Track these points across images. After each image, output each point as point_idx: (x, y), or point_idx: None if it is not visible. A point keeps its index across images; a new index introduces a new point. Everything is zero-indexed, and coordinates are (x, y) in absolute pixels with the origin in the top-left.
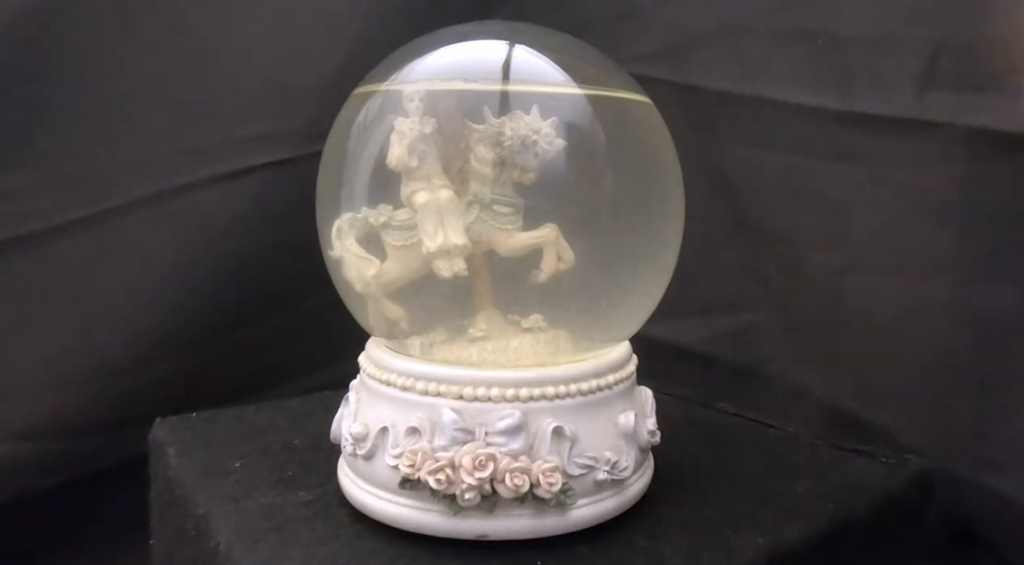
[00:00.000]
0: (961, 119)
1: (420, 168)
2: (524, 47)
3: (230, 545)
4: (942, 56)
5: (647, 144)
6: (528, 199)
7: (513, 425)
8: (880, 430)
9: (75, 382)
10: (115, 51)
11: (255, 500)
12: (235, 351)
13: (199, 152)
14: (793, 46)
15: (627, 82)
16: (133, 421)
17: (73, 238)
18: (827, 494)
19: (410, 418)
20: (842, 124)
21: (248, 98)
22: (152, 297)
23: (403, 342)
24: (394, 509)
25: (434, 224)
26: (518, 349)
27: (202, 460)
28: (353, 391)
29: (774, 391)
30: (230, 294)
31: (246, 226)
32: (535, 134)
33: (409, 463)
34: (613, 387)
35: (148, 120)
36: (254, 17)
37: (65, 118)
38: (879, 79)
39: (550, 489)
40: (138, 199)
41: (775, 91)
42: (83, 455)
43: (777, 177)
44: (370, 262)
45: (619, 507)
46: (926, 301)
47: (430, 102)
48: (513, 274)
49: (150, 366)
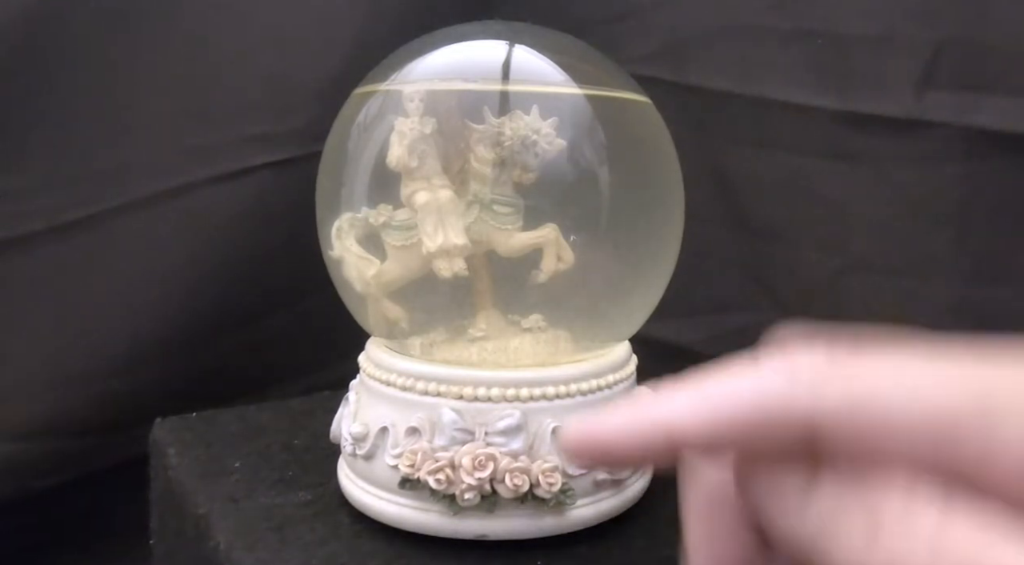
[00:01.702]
0: (961, 119)
1: (420, 168)
2: (524, 47)
3: (230, 545)
4: (942, 56)
5: (647, 144)
6: (528, 199)
7: (513, 425)
8: None
9: (75, 382)
10: (115, 51)
11: (255, 500)
12: (235, 351)
13: (199, 152)
14: (793, 46)
15: (627, 82)
16: (133, 421)
17: (73, 238)
18: None
19: (410, 418)
20: (842, 124)
21: (248, 98)
22: (152, 297)
23: (403, 342)
24: (394, 509)
25: (434, 224)
26: (518, 349)
27: (202, 460)
28: (353, 391)
29: None
30: (230, 294)
31: (246, 226)
32: (535, 134)
33: (409, 463)
34: (613, 387)
35: (148, 120)
36: (254, 17)
37: (65, 118)
38: (879, 79)
39: (550, 489)
40: (138, 199)
41: (775, 91)
42: (83, 455)
43: (777, 177)
44: (370, 262)
45: (619, 507)
46: (926, 301)
47: (430, 102)
48: (513, 274)
49: (150, 366)
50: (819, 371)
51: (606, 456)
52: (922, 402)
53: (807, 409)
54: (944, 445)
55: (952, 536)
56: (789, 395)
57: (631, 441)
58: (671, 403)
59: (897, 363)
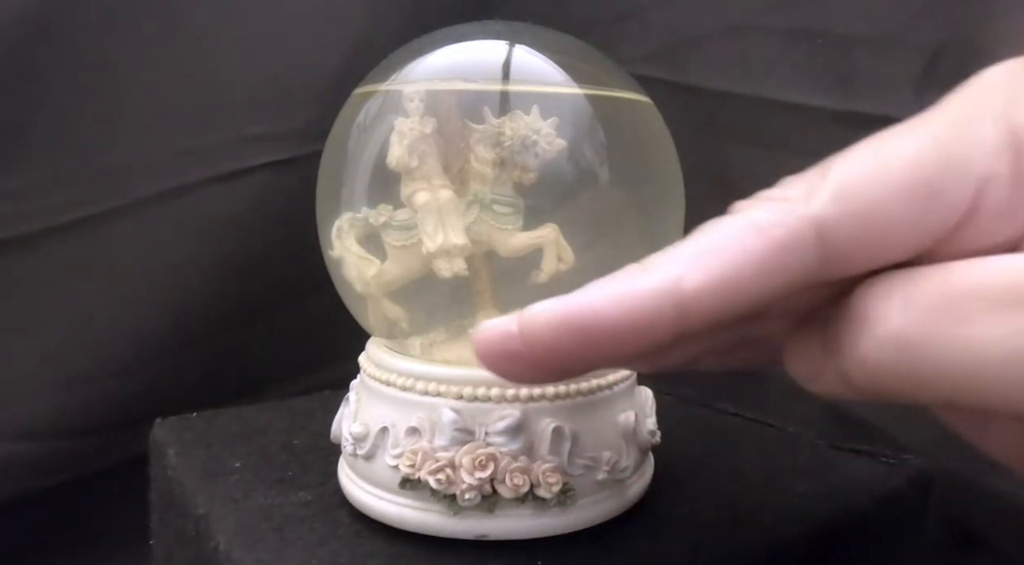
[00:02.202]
0: None
1: (420, 168)
2: (524, 47)
3: (230, 545)
4: (942, 56)
5: (647, 144)
6: (528, 199)
7: (513, 425)
8: (880, 430)
9: (75, 382)
10: (115, 51)
11: (255, 500)
12: (235, 351)
13: (199, 152)
14: (793, 46)
15: (627, 82)
16: (133, 421)
17: (73, 238)
18: (827, 494)
19: (410, 418)
20: (842, 124)
21: (248, 98)
22: (152, 297)
23: (403, 342)
24: (394, 509)
25: (434, 224)
26: None
27: (202, 460)
28: (353, 391)
29: (774, 391)
30: (230, 294)
31: (246, 226)
32: (535, 134)
33: (409, 463)
34: (613, 387)
35: (148, 120)
36: (254, 17)
37: (65, 118)
38: (879, 79)
39: (550, 489)
40: (138, 199)
41: (775, 91)
42: (83, 455)
43: (777, 177)
44: (370, 262)
45: (619, 507)
46: None
47: (430, 102)
48: (513, 274)
49: (150, 366)
50: (803, 191)
51: (591, 344)
52: (897, 172)
53: (813, 221)
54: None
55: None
56: (790, 219)
57: (629, 318)
58: (668, 266)
59: (868, 149)
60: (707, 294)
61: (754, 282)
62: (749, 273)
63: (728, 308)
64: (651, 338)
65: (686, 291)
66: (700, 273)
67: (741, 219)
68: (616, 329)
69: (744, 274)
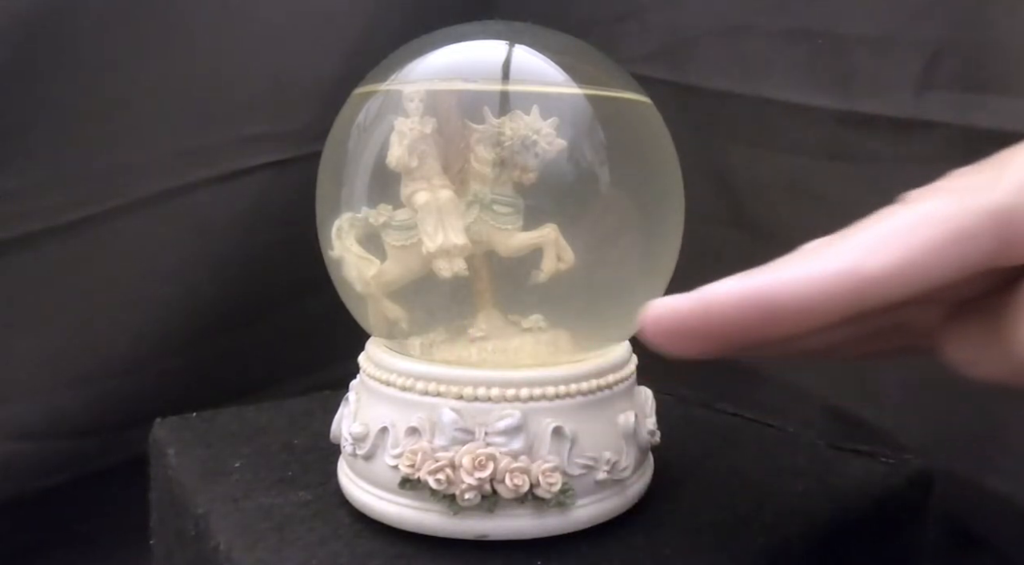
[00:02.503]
0: (961, 119)
1: (420, 168)
2: (524, 47)
3: (230, 545)
4: (942, 56)
5: (647, 144)
6: (528, 199)
7: (513, 425)
8: (880, 430)
9: (75, 382)
10: (115, 51)
11: (255, 500)
12: (235, 351)
13: (199, 152)
14: (793, 46)
15: (627, 82)
16: (133, 421)
17: (73, 238)
18: (827, 494)
19: (410, 418)
20: (842, 124)
21: (248, 98)
22: (152, 297)
23: (403, 342)
24: (394, 509)
25: (434, 224)
26: (518, 349)
27: (202, 460)
28: (353, 391)
29: (774, 391)
30: (230, 294)
31: (246, 226)
32: (535, 134)
33: (409, 463)
34: (613, 387)
35: (148, 120)
36: (254, 17)
37: (65, 118)
38: (879, 79)
39: (550, 489)
40: (138, 199)
41: (775, 91)
42: (83, 455)
43: (777, 177)
44: (370, 262)
45: (619, 507)
46: None
47: (430, 102)
48: (513, 274)
49: (150, 366)
50: (980, 182)
51: (774, 320)
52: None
53: (994, 211)
54: None
55: None
56: (970, 209)
57: (811, 298)
58: (849, 251)
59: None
60: (887, 278)
61: (933, 268)
62: (929, 259)
63: (904, 292)
64: (825, 318)
65: (866, 275)
66: (881, 257)
67: (920, 208)
68: (800, 307)
69: (925, 260)
